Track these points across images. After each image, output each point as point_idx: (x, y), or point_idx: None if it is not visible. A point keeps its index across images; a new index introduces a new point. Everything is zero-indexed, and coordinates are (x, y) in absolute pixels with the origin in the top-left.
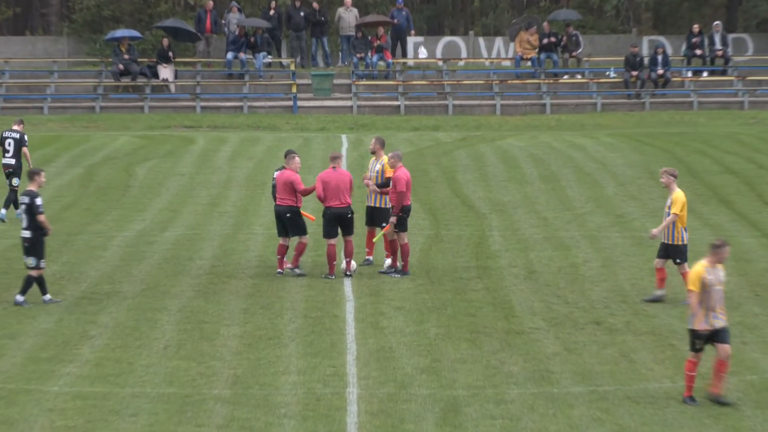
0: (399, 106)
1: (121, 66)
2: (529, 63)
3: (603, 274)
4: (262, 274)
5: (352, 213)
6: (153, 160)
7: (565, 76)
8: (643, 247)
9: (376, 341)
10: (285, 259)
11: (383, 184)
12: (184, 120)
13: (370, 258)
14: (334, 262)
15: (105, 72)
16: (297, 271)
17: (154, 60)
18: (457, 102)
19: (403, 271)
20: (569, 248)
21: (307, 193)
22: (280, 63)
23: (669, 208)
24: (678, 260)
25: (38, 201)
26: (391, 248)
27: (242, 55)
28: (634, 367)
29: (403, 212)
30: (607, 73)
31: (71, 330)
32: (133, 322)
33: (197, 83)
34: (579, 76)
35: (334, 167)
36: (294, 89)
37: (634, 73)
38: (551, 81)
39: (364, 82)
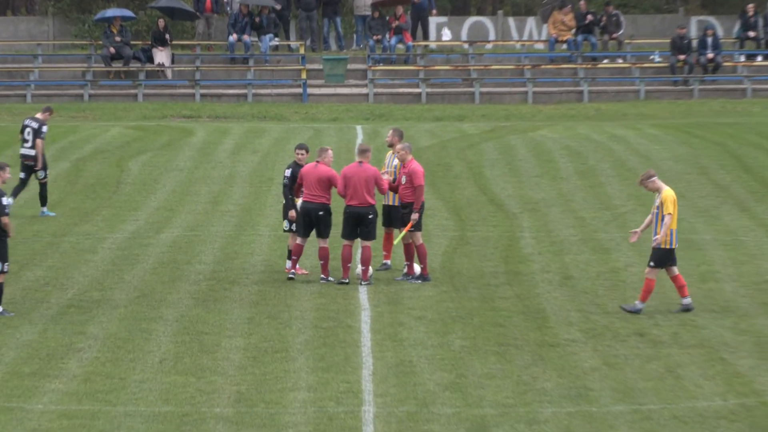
0: (420, 94)
1: (112, 49)
2: (564, 46)
3: None
4: (269, 279)
5: (375, 214)
6: (147, 154)
7: (605, 61)
8: (692, 250)
9: (394, 354)
10: (298, 266)
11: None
12: (182, 109)
13: (388, 262)
14: (349, 265)
15: (94, 56)
16: (331, 279)
17: (149, 43)
18: (484, 89)
19: (423, 276)
20: (609, 251)
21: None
22: (289, 46)
23: (658, 208)
24: (652, 263)
25: (5, 201)
26: (407, 253)
27: (246, 38)
28: (681, 383)
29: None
30: (651, 57)
31: (57, 342)
32: (126, 333)
33: (196, 68)
34: (620, 61)
35: (360, 162)
36: (303, 75)
37: (681, 57)
38: (589, 66)
39: (381, 67)
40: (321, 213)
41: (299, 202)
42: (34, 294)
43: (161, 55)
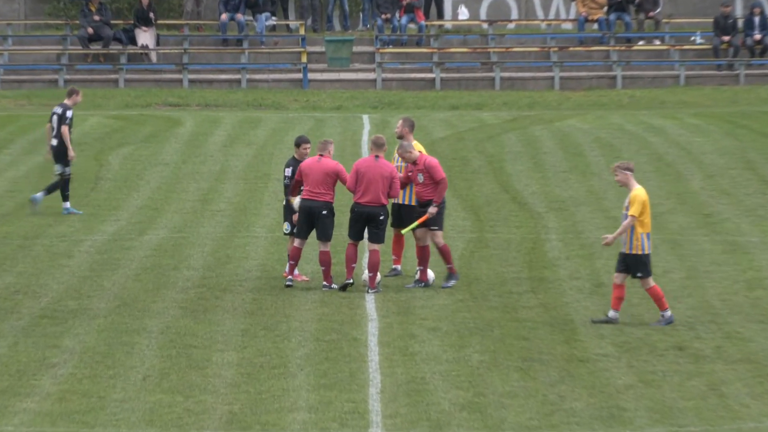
0: (434, 80)
1: (90, 30)
2: (595, 26)
3: (687, 288)
4: (265, 287)
5: (386, 215)
6: (129, 147)
7: (641, 42)
8: (737, 254)
9: (405, 370)
10: (298, 272)
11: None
12: (169, 96)
13: (398, 267)
14: (353, 265)
15: (70, 37)
16: (335, 287)
17: (131, 22)
18: (505, 74)
19: (451, 274)
20: None
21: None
22: (287, 26)
23: (627, 209)
24: (639, 274)
25: None
26: (421, 257)
27: (240, 17)
28: (726, 402)
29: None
30: (693, 38)
31: (29, 356)
32: (105, 346)
33: (184, 51)
34: (657, 42)
35: (377, 156)
36: (304, 59)
37: (726, 38)
38: (623, 48)
39: (391, 49)
40: (324, 212)
41: (297, 200)
42: (4, 303)
43: (145, 36)
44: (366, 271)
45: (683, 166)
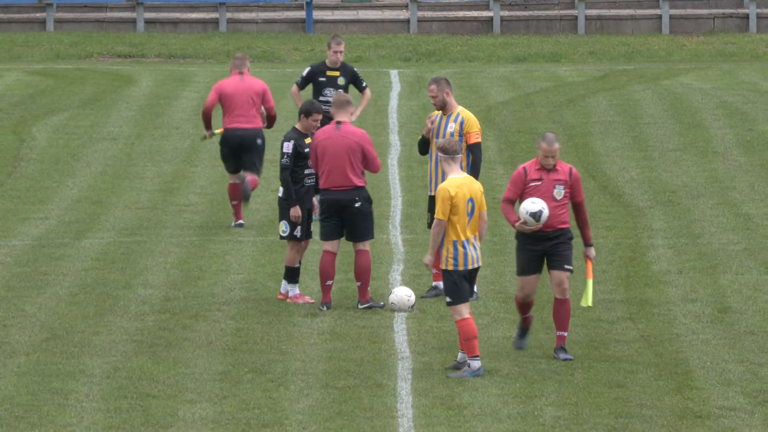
0: (491, 20)
1: None
2: None
3: None
4: (253, 312)
5: (363, 201)
6: (62, 114)
7: None
8: None
9: (450, 430)
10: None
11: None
12: (117, 44)
13: (440, 285)
14: (330, 282)
15: None
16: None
17: None
18: (593, 11)
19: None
20: None
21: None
22: None
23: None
24: (448, 299)
25: None
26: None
27: None
28: None
29: None
30: None
31: None
32: (28, 396)
33: None
34: None
35: (338, 123)
36: None
37: None
38: None
39: None
40: (259, 141)
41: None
42: None
43: None
44: (393, 292)
45: None
